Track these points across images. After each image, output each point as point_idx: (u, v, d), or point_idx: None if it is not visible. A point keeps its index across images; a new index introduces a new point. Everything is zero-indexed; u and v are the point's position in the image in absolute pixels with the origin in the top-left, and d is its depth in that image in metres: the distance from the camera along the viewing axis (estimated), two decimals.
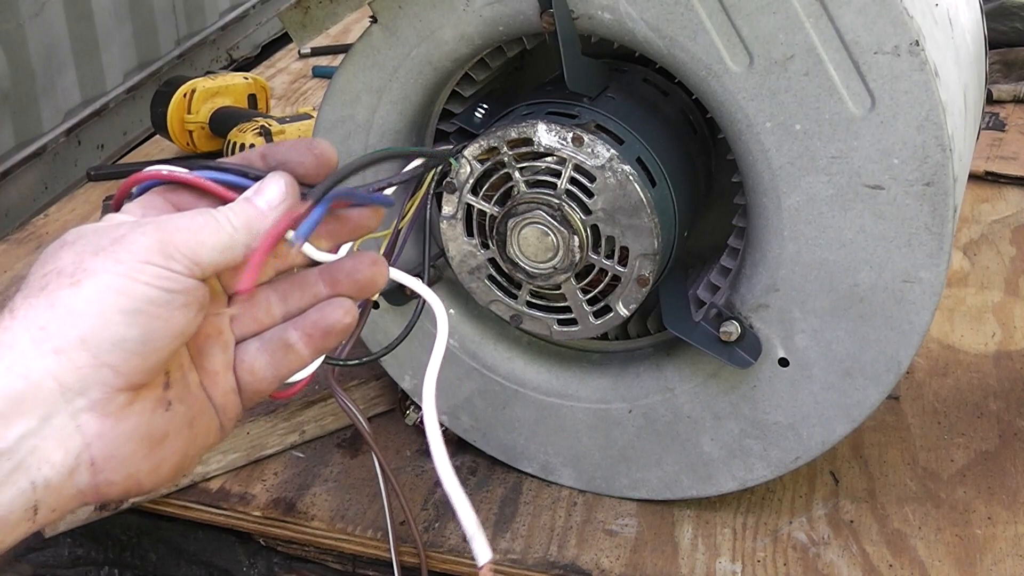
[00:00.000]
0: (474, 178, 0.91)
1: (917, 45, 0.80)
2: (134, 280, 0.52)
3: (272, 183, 0.57)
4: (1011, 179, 1.63)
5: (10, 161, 1.82)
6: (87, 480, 0.53)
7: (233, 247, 0.55)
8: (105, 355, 0.51)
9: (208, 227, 0.54)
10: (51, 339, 0.51)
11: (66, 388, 0.51)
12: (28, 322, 0.51)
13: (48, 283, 0.52)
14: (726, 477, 1.00)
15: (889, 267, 0.87)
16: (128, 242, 0.52)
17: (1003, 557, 0.98)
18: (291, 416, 1.12)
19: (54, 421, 0.51)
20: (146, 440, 0.54)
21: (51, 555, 1.11)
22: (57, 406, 0.51)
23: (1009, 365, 1.23)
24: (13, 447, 0.50)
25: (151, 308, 0.52)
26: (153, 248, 0.52)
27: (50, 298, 0.51)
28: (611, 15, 0.86)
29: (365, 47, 0.95)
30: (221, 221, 0.55)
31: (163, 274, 0.52)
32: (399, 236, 0.90)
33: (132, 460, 0.54)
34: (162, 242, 0.53)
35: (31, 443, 0.51)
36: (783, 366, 0.93)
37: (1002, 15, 1.96)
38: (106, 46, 2.03)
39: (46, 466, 0.51)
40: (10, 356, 0.51)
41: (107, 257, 0.52)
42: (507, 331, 1.06)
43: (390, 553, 0.99)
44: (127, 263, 0.52)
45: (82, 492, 0.53)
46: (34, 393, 0.51)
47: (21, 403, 0.50)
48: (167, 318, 0.52)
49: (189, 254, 0.53)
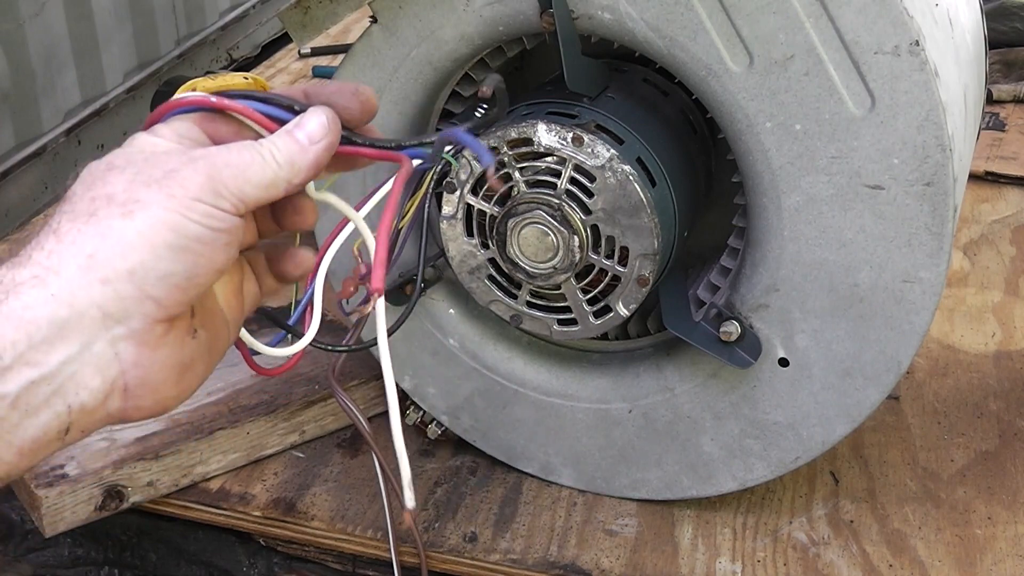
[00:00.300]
0: (474, 178, 0.91)
1: (917, 45, 0.80)
2: (185, 217, 0.53)
3: (314, 117, 0.58)
4: (1011, 179, 1.63)
5: (10, 161, 1.82)
6: (118, 405, 0.54)
7: (276, 184, 0.56)
8: (150, 288, 0.52)
9: (254, 164, 0.55)
10: (99, 268, 0.52)
11: (108, 316, 0.52)
12: (76, 248, 0.52)
13: (97, 209, 0.53)
14: (726, 477, 1.00)
15: (889, 267, 0.87)
16: (181, 177, 0.53)
17: (1003, 557, 0.98)
18: (291, 416, 1.12)
19: (94, 348, 0.52)
20: (176, 367, 0.56)
21: (51, 555, 1.11)
22: (98, 333, 0.52)
23: (1009, 365, 1.23)
24: (55, 372, 0.52)
25: (198, 246, 0.53)
26: (204, 186, 0.53)
27: (100, 226, 0.52)
28: (611, 15, 0.86)
29: (365, 47, 0.95)
30: (266, 158, 0.56)
31: (212, 212, 0.53)
32: (399, 236, 0.90)
33: (163, 386, 0.55)
34: (212, 179, 0.53)
35: (71, 368, 0.52)
36: (783, 366, 0.93)
37: (1002, 15, 1.96)
38: (106, 46, 2.03)
39: (84, 391, 0.53)
40: (56, 282, 0.51)
41: (160, 190, 0.53)
42: (507, 331, 1.06)
43: (390, 553, 0.99)
44: (179, 199, 0.53)
45: (111, 415, 0.55)
46: (78, 321, 0.52)
47: (64, 329, 0.51)
48: (211, 256, 0.54)
49: (236, 192, 0.54)
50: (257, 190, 0.55)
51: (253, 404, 1.11)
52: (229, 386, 1.14)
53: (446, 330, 1.06)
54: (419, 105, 0.97)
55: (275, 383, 1.14)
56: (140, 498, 1.05)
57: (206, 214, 0.53)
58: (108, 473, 1.02)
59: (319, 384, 1.14)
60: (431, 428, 1.10)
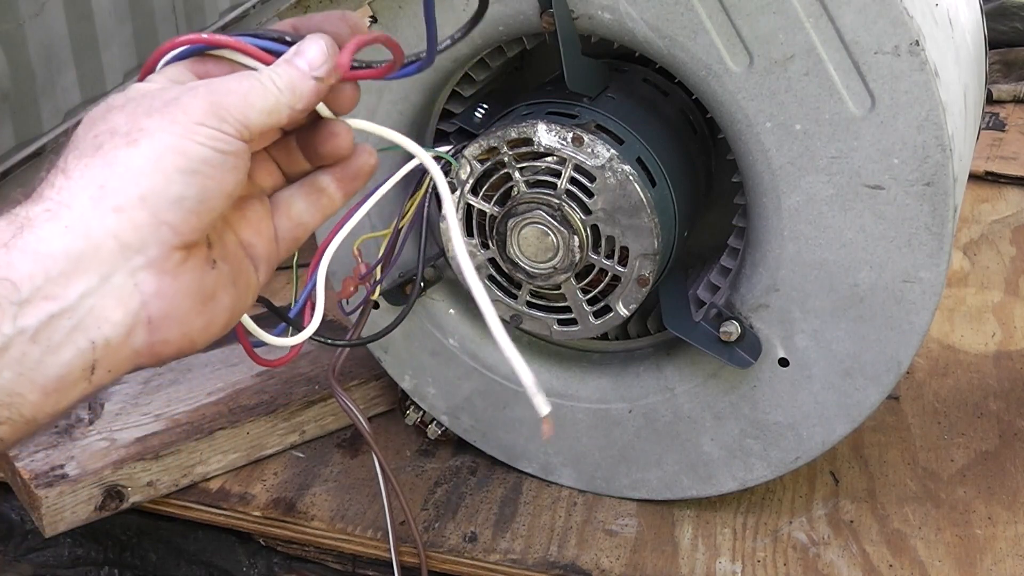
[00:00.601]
0: (474, 178, 0.91)
1: (917, 45, 0.80)
2: (191, 140, 0.52)
3: (312, 43, 0.57)
4: (1011, 179, 1.63)
5: (10, 161, 1.82)
6: (144, 339, 0.53)
7: (279, 109, 0.56)
8: (164, 213, 0.52)
9: (255, 90, 0.55)
10: (111, 197, 0.51)
11: (125, 246, 0.52)
12: (86, 181, 0.52)
13: (102, 143, 0.52)
14: (726, 477, 1.00)
15: (889, 267, 0.87)
16: (182, 104, 0.53)
17: (1003, 557, 0.98)
18: (291, 416, 1.12)
19: (113, 279, 0.52)
20: (199, 297, 0.55)
21: (51, 555, 1.11)
22: (116, 264, 0.52)
23: (1009, 365, 1.23)
24: (74, 305, 0.51)
25: (206, 168, 0.53)
26: (207, 110, 0.53)
27: (107, 157, 0.52)
28: (611, 15, 0.86)
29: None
30: (267, 84, 0.56)
31: (217, 135, 0.53)
32: (399, 236, 0.90)
33: (187, 318, 0.55)
34: (214, 104, 0.53)
35: (91, 302, 0.51)
36: (783, 366, 0.93)
37: (1002, 15, 1.96)
38: (106, 46, 2.03)
39: (106, 325, 0.52)
40: (69, 215, 0.51)
41: (162, 117, 0.53)
42: (507, 331, 1.06)
43: (390, 553, 0.99)
44: (182, 124, 0.52)
45: (138, 352, 0.54)
46: (94, 252, 0.51)
47: (81, 262, 0.51)
48: (220, 178, 0.53)
49: (239, 116, 0.54)
50: (260, 115, 0.55)
51: (253, 404, 1.12)
52: (229, 386, 1.14)
53: (446, 330, 1.06)
54: (419, 105, 0.97)
55: (275, 383, 1.15)
56: (140, 498, 1.05)
57: (211, 137, 0.53)
58: (108, 473, 1.02)
59: (319, 384, 1.14)
60: (431, 428, 1.10)
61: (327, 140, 0.61)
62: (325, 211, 0.63)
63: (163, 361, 0.56)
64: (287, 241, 0.62)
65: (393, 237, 0.88)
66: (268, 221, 0.61)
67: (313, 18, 0.60)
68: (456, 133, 0.99)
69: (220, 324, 0.57)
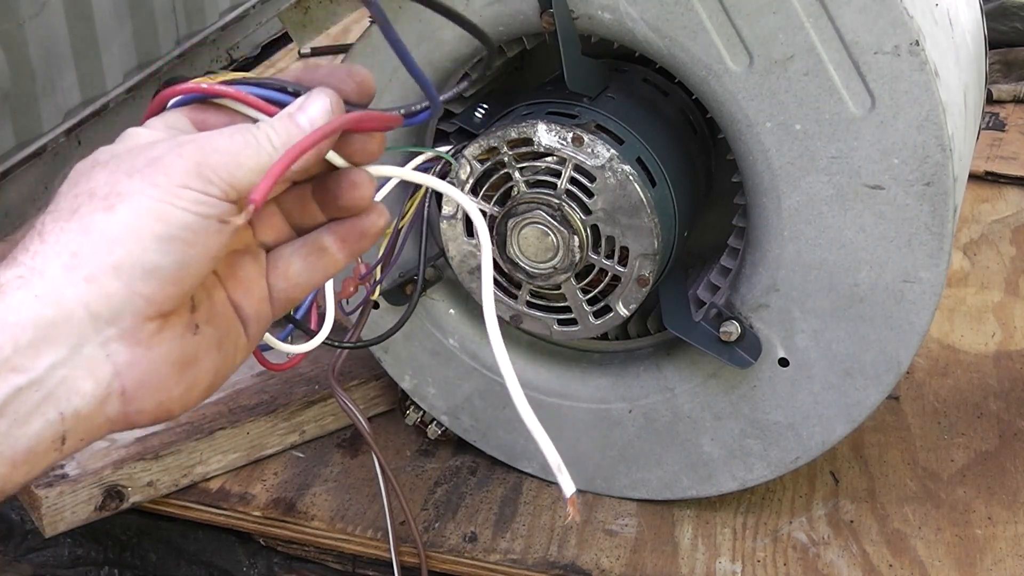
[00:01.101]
0: (474, 178, 0.91)
1: (917, 45, 0.80)
2: (170, 205, 0.50)
3: (317, 100, 0.54)
4: (1011, 179, 1.63)
5: (10, 161, 1.82)
6: (118, 409, 0.52)
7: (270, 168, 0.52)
8: (138, 283, 0.50)
9: (248, 148, 0.52)
10: (83, 266, 0.49)
11: (96, 317, 0.50)
12: (60, 247, 0.50)
13: (80, 205, 0.50)
14: (726, 477, 1.00)
15: (889, 267, 0.87)
16: (165, 163, 0.50)
17: (1003, 557, 0.98)
18: (291, 416, 1.12)
19: (84, 350, 0.50)
20: (177, 365, 0.53)
21: (51, 555, 1.11)
22: (87, 335, 0.50)
23: (1009, 365, 1.23)
24: (43, 377, 0.49)
25: (187, 234, 0.50)
26: (191, 170, 0.50)
27: (83, 222, 0.50)
28: (611, 15, 0.86)
29: (365, 47, 0.95)
30: (261, 141, 0.52)
31: (200, 198, 0.50)
32: (399, 235, 0.90)
33: (163, 387, 0.53)
34: (199, 164, 0.50)
35: (61, 373, 0.49)
36: (783, 366, 0.93)
37: (1002, 15, 1.96)
38: (106, 46, 2.03)
39: (76, 396, 0.50)
40: (41, 283, 0.49)
41: (143, 179, 0.50)
42: (507, 331, 1.06)
43: (390, 553, 0.99)
44: (163, 187, 0.50)
45: (112, 421, 0.52)
46: (65, 321, 0.49)
47: (51, 332, 0.49)
48: (203, 244, 0.51)
49: (226, 176, 0.51)
50: (251, 175, 0.51)
51: (253, 404, 1.12)
52: (229, 386, 1.14)
53: (446, 330, 1.06)
54: None
55: (275, 383, 1.14)
56: (140, 498, 1.05)
57: (194, 200, 0.50)
58: (108, 473, 1.02)
59: (319, 384, 1.14)
60: (431, 428, 1.10)
61: (348, 191, 0.57)
62: (326, 272, 0.59)
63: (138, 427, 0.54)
64: (281, 301, 0.59)
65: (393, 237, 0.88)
66: (261, 280, 0.58)
67: (319, 71, 0.57)
68: (456, 133, 0.99)
69: (201, 389, 0.55)
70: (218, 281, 0.56)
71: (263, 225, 0.58)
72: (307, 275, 0.59)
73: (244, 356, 0.58)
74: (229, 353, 0.56)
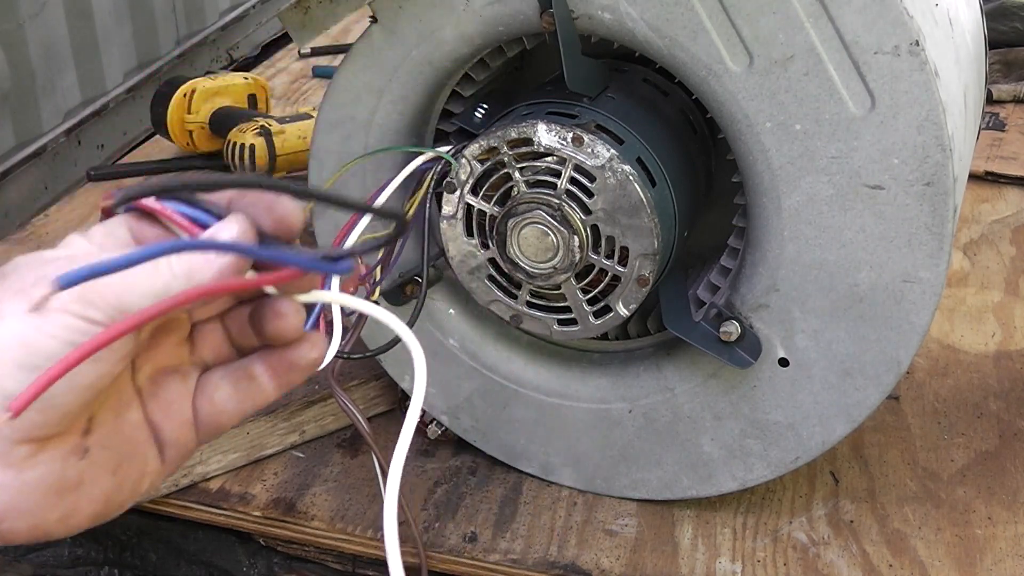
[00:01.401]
0: (474, 178, 0.91)
1: (917, 45, 0.80)
2: (40, 331, 0.46)
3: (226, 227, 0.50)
4: (1011, 179, 1.63)
5: (10, 161, 1.82)
6: None
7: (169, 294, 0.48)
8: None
9: (143, 271, 0.48)
10: None
11: None
12: None
13: None
14: (726, 477, 1.00)
15: (889, 267, 0.87)
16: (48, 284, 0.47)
17: (1003, 557, 0.98)
18: (291, 416, 1.12)
19: None
20: (53, 490, 0.49)
21: (51, 555, 1.11)
22: None
23: (1009, 365, 1.23)
24: None
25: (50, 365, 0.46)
26: (72, 293, 0.46)
27: None
28: (611, 15, 0.86)
29: (365, 47, 0.95)
30: (160, 266, 0.48)
31: (76, 326, 0.46)
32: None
33: (35, 512, 0.49)
34: (84, 287, 0.46)
35: None
36: (783, 366, 0.93)
37: (1002, 15, 1.96)
38: (106, 46, 2.03)
39: None
40: None
41: (24, 299, 0.47)
42: (507, 331, 1.06)
43: None
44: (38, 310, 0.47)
45: None
46: None
47: None
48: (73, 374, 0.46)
49: (114, 301, 0.47)
50: (142, 300, 0.47)
51: None
52: None
53: (446, 330, 1.06)
54: (419, 105, 0.97)
55: None
56: (140, 498, 1.05)
57: (67, 327, 0.46)
58: None
59: (319, 384, 1.14)
60: (431, 428, 1.10)
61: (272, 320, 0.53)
62: (254, 402, 0.55)
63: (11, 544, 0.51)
64: (208, 427, 0.55)
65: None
66: (186, 402, 0.54)
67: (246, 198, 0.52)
68: (456, 133, 0.99)
69: (85, 516, 0.51)
70: (136, 399, 0.53)
71: (203, 343, 0.55)
72: (234, 403, 0.55)
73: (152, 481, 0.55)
74: (129, 479, 0.53)
